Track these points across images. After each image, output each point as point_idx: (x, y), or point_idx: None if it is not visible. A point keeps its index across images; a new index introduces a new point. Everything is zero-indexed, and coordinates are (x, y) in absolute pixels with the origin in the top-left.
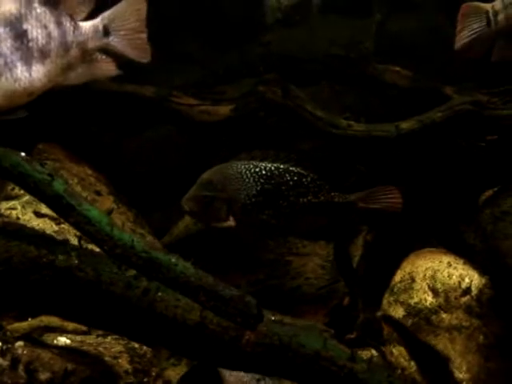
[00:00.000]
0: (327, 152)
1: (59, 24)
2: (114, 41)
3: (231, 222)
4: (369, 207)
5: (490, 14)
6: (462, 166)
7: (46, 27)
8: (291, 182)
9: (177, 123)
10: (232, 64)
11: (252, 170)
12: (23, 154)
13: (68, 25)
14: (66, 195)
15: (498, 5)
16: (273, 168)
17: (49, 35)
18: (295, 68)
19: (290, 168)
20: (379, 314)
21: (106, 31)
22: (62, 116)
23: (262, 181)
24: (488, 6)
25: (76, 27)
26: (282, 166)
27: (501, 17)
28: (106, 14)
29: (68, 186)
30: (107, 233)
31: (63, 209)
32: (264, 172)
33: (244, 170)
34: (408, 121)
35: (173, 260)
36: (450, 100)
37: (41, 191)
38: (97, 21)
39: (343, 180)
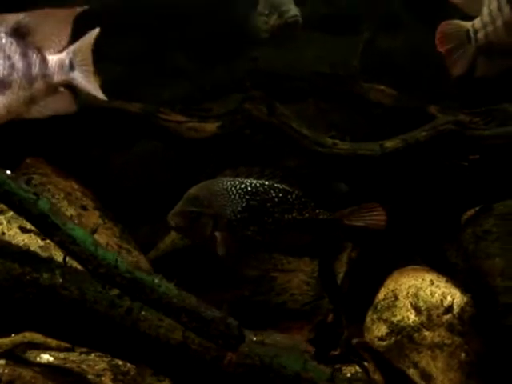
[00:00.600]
0: (312, 169)
1: (24, 56)
2: (77, 75)
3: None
4: (353, 224)
5: (471, 32)
6: (445, 184)
7: (9, 58)
8: (276, 199)
9: (164, 140)
10: (219, 79)
11: (238, 187)
12: (9, 172)
13: (34, 57)
14: (51, 214)
15: (477, 23)
16: (258, 184)
17: (12, 66)
18: (282, 85)
19: (276, 185)
20: (355, 341)
21: (72, 65)
22: (49, 131)
23: (247, 197)
24: (468, 25)
25: (43, 60)
26: (267, 183)
27: (480, 35)
28: (72, 47)
29: (53, 205)
30: (91, 252)
31: (48, 228)
32: (249, 188)
33: (230, 187)
34: (392, 140)
35: (156, 281)
36: (433, 119)
37: (26, 210)
38: (63, 54)
39: (328, 197)
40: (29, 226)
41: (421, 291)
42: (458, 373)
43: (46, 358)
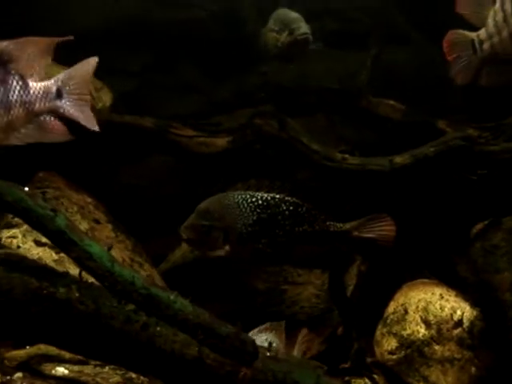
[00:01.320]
0: (322, 183)
1: (2, 82)
2: (65, 104)
3: (222, 252)
4: (362, 236)
5: (476, 43)
6: (453, 199)
7: None
8: (287, 212)
9: (176, 154)
10: (229, 94)
11: (248, 200)
12: (26, 188)
13: (14, 84)
14: (68, 231)
15: (482, 34)
16: (269, 198)
17: None
18: (291, 99)
19: (286, 198)
20: (369, 360)
21: (59, 93)
22: (62, 145)
23: (258, 210)
24: (473, 35)
25: (23, 87)
26: (277, 196)
27: (486, 45)
28: (62, 75)
29: (69, 222)
30: (108, 269)
31: (65, 244)
32: (260, 202)
33: (241, 200)
34: (402, 155)
35: (171, 297)
36: (442, 134)
37: (43, 226)
38: (50, 82)
39: (337, 210)
40: (44, 239)
41: (430, 305)
42: None
43: (61, 370)
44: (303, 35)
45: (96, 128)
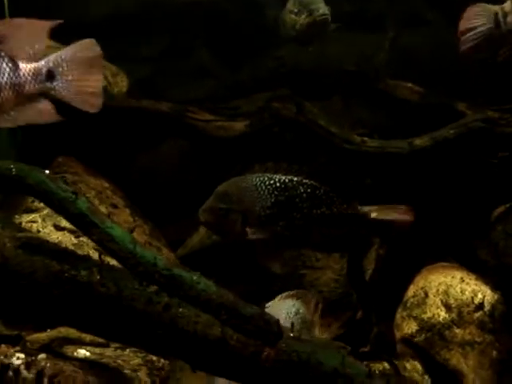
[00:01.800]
0: (340, 166)
1: None
2: (58, 86)
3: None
4: (379, 219)
5: (500, 16)
6: (474, 181)
7: None
8: (305, 194)
9: (193, 138)
10: (245, 78)
11: (266, 183)
12: (47, 171)
13: (3, 65)
14: (90, 213)
15: (507, 6)
16: (287, 180)
17: None
18: (307, 82)
19: (304, 180)
20: (398, 336)
21: (51, 75)
22: (80, 130)
23: (276, 193)
24: (496, 8)
25: (13, 68)
26: (295, 179)
27: (510, 18)
28: (53, 56)
29: (91, 204)
30: (130, 250)
31: (87, 226)
32: (278, 184)
33: (259, 183)
34: (421, 137)
35: (195, 278)
36: (461, 116)
37: (65, 209)
38: (41, 63)
39: (355, 193)
40: (63, 223)
41: (451, 288)
42: (490, 371)
43: (82, 353)
44: (322, 16)
45: (94, 110)
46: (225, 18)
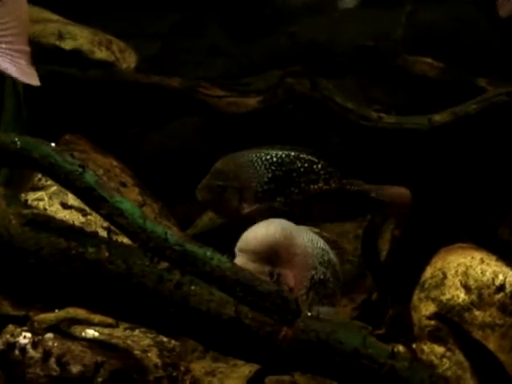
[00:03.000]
0: (356, 145)
1: None
2: None
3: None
4: (377, 197)
5: None
6: (497, 159)
7: None
8: (302, 169)
9: (204, 114)
10: (257, 55)
11: (263, 158)
12: (53, 144)
13: None
14: (98, 187)
15: None
16: (283, 155)
17: None
18: (322, 59)
19: (301, 155)
20: (431, 312)
21: None
22: (88, 107)
23: (273, 168)
24: None
25: None
26: (292, 153)
27: None
28: None
29: (99, 178)
30: (140, 225)
31: (95, 201)
32: (275, 159)
33: (255, 158)
34: (441, 113)
35: (208, 253)
36: (482, 92)
37: (71, 183)
38: None
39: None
40: (70, 202)
41: (471, 269)
42: (511, 355)
43: (91, 333)
44: None
45: (36, 83)
46: None
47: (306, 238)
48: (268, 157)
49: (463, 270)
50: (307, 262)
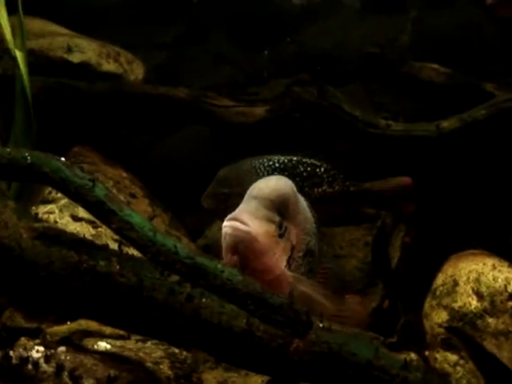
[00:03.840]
0: (364, 151)
1: None
2: None
3: None
4: (381, 190)
5: None
6: (506, 165)
7: None
8: (305, 173)
9: (212, 125)
10: (263, 64)
11: (265, 164)
12: (63, 158)
13: None
14: (108, 201)
15: None
16: (286, 160)
17: None
18: (328, 67)
19: (303, 159)
20: (444, 325)
21: None
22: (96, 119)
23: (276, 173)
24: None
25: None
26: (295, 158)
27: None
28: None
29: (109, 192)
30: (150, 239)
31: (105, 214)
32: (277, 165)
33: (258, 165)
34: (449, 120)
35: (219, 266)
36: (490, 97)
37: (82, 197)
38: None
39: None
40: (80, 214)
41: (482, 276)
42: None
43: (103, 345)
44: None
45: None
46: (242, 2)
47: (306, 204)
48: (270, 163)
49: (475, 276)
50: (306, 226)
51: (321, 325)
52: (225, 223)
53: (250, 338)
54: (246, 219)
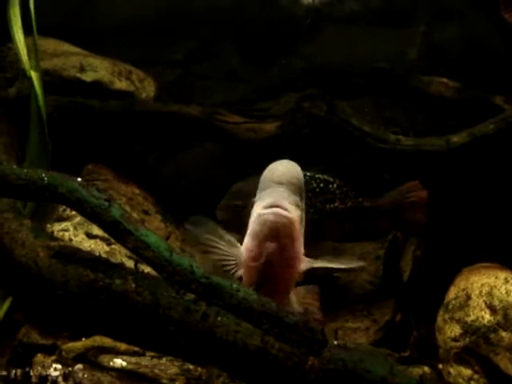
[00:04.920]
0: (373, 167)
1: None
2: None
3: None
4: (395, 202)
5: None
6: None
7: None
8: (318, 189)
9: (223, 141)
10: (273, 79)
11: None
12: (79, 179)
13: None
14: (124, 220)
15: None
16: None
17: None
18: (337, 81)
19: (317, 175)
20: (460, 345)
21: None
22: (109, 136)
23: None
24: None
25: None
26: (308, 174)
27: None
28: None
29: (124, 211)
30: (166, 258)
31: (121, 234)
32: None
33: None
34: (459, 134)
35: (234, 286)
36: (500, 111)
37: (98, 217)
38: None
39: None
40: (95, 231)
41: (495, 289)
42: None
43: (119, 362)
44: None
45: None
46: (252, 20)
47: None
48: None
49: (487, 290)
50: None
51: (335, 342)
52: (265, 211)
53: (265, 356)
54: (286, 205)
